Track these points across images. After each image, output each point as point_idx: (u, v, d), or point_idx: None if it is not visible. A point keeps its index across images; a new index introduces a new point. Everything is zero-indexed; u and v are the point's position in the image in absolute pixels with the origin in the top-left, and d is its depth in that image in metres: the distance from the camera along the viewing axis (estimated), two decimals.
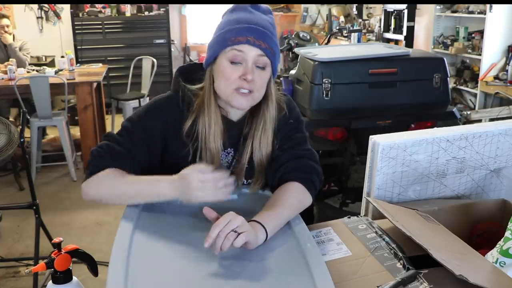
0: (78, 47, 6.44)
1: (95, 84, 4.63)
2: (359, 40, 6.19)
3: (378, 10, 6.66)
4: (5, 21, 4.98)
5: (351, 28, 4.98)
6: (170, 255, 1.07)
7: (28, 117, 3.66)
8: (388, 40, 6.03)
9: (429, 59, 3.13)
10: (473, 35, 5.32)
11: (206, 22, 7.37)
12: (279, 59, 1.33)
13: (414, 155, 1.41)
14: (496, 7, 4.78)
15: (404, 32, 5.70)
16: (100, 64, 5.43)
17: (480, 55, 5.06)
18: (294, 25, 7.82)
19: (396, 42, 5.84)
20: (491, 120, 3.99)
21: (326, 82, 2.72)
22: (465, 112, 4.08)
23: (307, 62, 2.87)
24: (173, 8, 7.15)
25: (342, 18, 7.17)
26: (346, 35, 5.28)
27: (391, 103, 2.83)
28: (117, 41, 6.60)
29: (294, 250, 1.08)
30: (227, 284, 0.99)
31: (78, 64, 5.50)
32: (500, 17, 4.84)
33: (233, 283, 0.99)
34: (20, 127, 2.69)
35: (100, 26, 6.53)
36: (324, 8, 7.73)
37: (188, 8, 7.34)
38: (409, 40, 5.68)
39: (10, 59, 4.83)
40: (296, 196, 1.26)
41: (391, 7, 6.00)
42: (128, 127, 1.31)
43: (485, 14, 4.91)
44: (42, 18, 6.81)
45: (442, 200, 1.47)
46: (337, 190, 3.16)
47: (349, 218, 1.34)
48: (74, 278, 1.07)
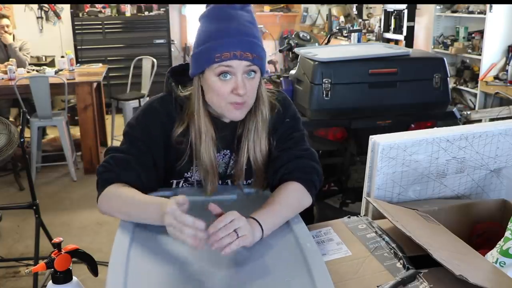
0: (78, 47, 6.44)
1: (95, 84, 4.63)
2: (359, 40, 6.19)
3: (378, 10, 6.66)
4: (5, 21, 4.98)
5: (351, 28, 4.97)
6: (170, 255, 1.07)
7: (28, 117, 3.66)
8: (388, 40, 6.03)
9: (429, 59, 3.13)
10: (473, 35, 5.32)
11: None
12: (266, 57, 1.28)
13: (414, 155, 1.41)
14: (496, 7, 4.78)
15: (404, 32, 5.70)
16: (100, 64, 5.43)
17: (480, 55, 5.06)
18: (294, 25, 7.81)
19: (396, 42, 5.84)
20: (491, 120, 3.99)
21: (326, 82, 2.72)
22: (465, 112, 4.08)
23: (307, 62, 2.87)
24: (173, 8, 7.15)
25: (342, 18, 7.17)
26: (346, 35, 5.28)
27: (391, 103, 2.83)
28: (117, 41, 6.60)
29: (293, 250, 1.08)
30: (226, 284, 0.99)
31: (78, 64, 5.51)
32: (500, 17, 4.84)
33: (232, 283, 0.99)
34: (20, 127, 2.69)
35: (100, 26, 6.54)
36: (324, 8, 7.73)
37: (188, 8, 7.33)
38: (409, 40, 5.68)
39: (10, 59, 4.83)
40: (295, 196, 1.25)
41: (391, 7, 6.00)
42: (129, 132, 1.31)
43: (485, 14, 4.91)
44: (42, 18, 6.81)
45: (442, 200, 1.47)
46: (337, 190, 3.16)
47: (349, 218, 1.34)
48: (74, 278, 1.07)
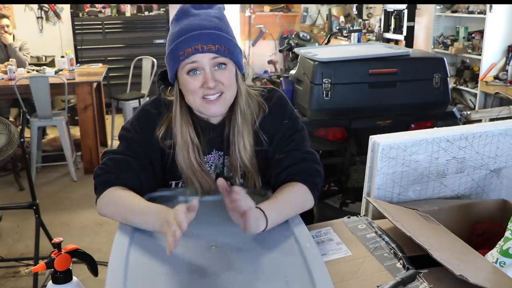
0: (78, 47, 6.43)
1: (95, 84, 4.63)
2: (359, 40, 6.19)
3: (378, 10, 6.66)
4: (5, 21, 4.98)
5: (351, 28, 4.98)
6: (169, 255, 1.06)
7: (28, 117, 3.66)
8: (388, 40, 6.03)
9: (429, 59, 3.13)
10: (473, 35, 5.32)
11: None
12: (241, 52, 1.29)
13: (414, 155, 1.41)
14: (496, 7, 4.78)
15: (404, 32, 5.70)
16: (100, 64, 5.43)
17: (480, 55, 5.06)
18: (294, 25, 7.81)
19: (396, 42, 5.84)
20: (491, 120, 3.99)
21: (326, 82, 2.72)
22: (465, 112, 4.08)
23: (307, 62, 2.87)
24: (173, 8, 7.14)
25: (342, 18, 7.17)
26: (346, 35, 5.29)
27: (391, 103, 2.83)
28: (117, 41, 6.59)
29: (293, 250, 1.08)
30: (226, 283, 0.99)
31: (78, 64, 5.50)
32: (500, 17, 4.84)
33: (232, 283, 0.99)
34: (20, 127, 2.69)
35: (100, 26, 6.53)
36: (324, 8, 7.73)
37: None
38: (409, 40, 5.68)
39: (10, 59, 4.83)
40: (299, 196, 1.26)
41: (391, 7, 6.00)
42: (124, 135, 1.32)
43: (485, 14, 4.91)
44: (42, 18, 6.81)
45: (442, 200, 1.47)
46: (337, 190, 3.16)
47: (349, 218, 1.34)
48: (74, 278, 1.07)
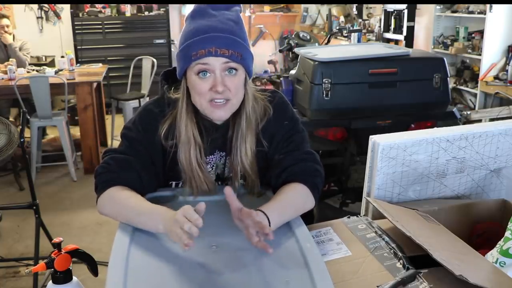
0: (78, 47, 6.43)
1: (95, 84, 4.63)
2: (359, 40, 6.19)
3: (378, 10, 6.66)
4: (5, 21, 4.98)
5: (351, 28, 4.98)
6: (169, 255, 1.07)
7: (28, 117, 3.66)
8: (388, 40, 6.03)
9: (429, 59, 3.13)
10: (473, 35, 5.32)
11: None
12: (252, 58, 1.27)
13: (414, 155, 1.41)
14: (496, 7, 4.78)
15: (404, 32, 5.70)
16: (100, 64, 5.43)
17: (480, 55, 5.06)
18: (294, 25, 7.81)
19: (396, 42, 5.84)
20: (491, 120, 3.99)
21: (326, 82, 2.72)
22: (465, 112, 4.08)
23: (307, 62, 2.87)
24: (173, 8, 7.15)
25: (342, 18, 7.17)
26: (346, 35, 5.28)
27: (391, 103, 2.83)
28: (117, 41, 6.59)
29: (293, 250, 1.08)
30: (226, 283, 0.99)
31: (78, 64, 5.50)
32: (500, 17, 4.84)
33: (233, 283, 0.99)
34: (20, 127, 2.69)
35: (100, 26, 6.53)
36: (324, 8, 7.73)
37: (188, 8, 7.31)
38: (409, 40, 5.68)
39: (10, 59, 4.83)
40: (300, 197, 1.26)
41: (391, 7, 6.00)
42: (126, 134, 1.32)
43: (485, 14, 4.91)
44: (42, 18, 6.81)
45: (442, 200, 1.47)
46: (337, 190, 3.16)
47: (349, 218, 1.34)
48: (74, 278, 1.07)
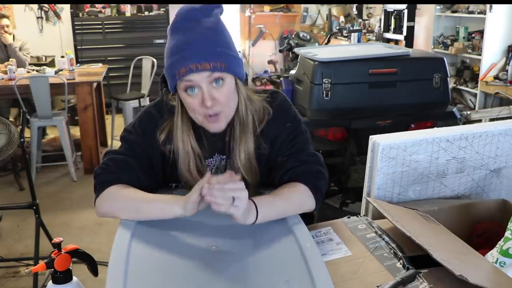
0: (78, 47, 6.43)
1: (95, 84, 4.63)
2: (359, 40, 6.19)
3: (378, 10, 6.66)
4: (5, 21, 4.98)
5: (351, 28, 4.98)
6: (169, 255, 1.07)
7: (28, 117, 3.66)
8: (388, 40, 6.03)
9: (429, 59, 3.13)
10: (473, 35, 5.32)
11: None
12: (240, 60, 1.25)
13: (414, 155, 1.41)
14: (496, 7, 4.78)
15: (404, 32, 5.70)
16: (100, 64, 5.43)
17: (480, 55, 5.06)
18: (294, 25, 7.81)
19: (396, 42, 5.84)
20: (491, 120, 3.99)
21: (326, 82, 2.72)
22: (465, 112, 4.08)
23: (307, 62, 2.87)
24: (173, 8, 7.14)
25: (342, 18, 7.17)
26: (346, 35, 5.29)
27: (391, 103, 2.83)
28: (117, 41, 6.59)
29: (293, 250, 1.08)
30: (226, 283, 0.99)
31: (78, 64, 5.50)
32: (500, 17, 4.84)
33: (232, 282, 0.99)
34: (20, 127, 2.69)
35: (100, 26, 6.53)
36: (324, 8, 7.73)
37: None
38: (409, 40, 5.68)
39: (10, 59, 4.83)
40: (298, 195, 1.25)
41: (391, 7, 6.00)
42: (126, 136, 1.32)
43: (485, 14, 4.91)
44: (42, 18, 6.81)
45: (442, 200, 1.47)
46: (337, 190, 3.16)
47: (349, 218, 1.34)
48: (74, 278, 1.07)
